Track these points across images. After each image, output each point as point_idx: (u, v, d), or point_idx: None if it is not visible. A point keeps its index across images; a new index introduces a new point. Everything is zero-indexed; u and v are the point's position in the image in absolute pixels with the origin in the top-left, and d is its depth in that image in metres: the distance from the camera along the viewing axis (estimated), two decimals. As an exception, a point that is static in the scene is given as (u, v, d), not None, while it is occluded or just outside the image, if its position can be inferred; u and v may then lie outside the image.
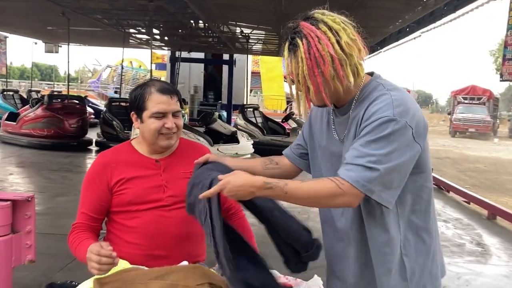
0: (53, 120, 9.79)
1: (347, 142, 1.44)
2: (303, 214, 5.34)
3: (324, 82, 1.34)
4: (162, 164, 1.91)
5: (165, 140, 1.86)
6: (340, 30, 1.33)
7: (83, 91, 26.14)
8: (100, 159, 1.94)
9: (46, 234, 4.16)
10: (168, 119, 1.84)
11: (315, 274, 2.49)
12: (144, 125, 1.85)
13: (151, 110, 1.81)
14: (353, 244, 1.54)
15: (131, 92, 1.92)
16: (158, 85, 1.87)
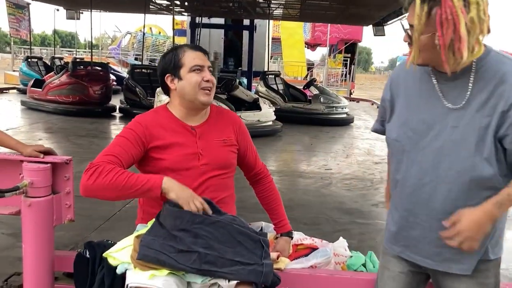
0: (78, 86, 9.93)
1: (462, 110, 1.45)
2: (326, 180, 5.41)
3: (443, 46, 1.34)
4: (198, 132, 1.95)
5: (205, 96, 1.91)
6: (473, 4, 1.32)
7: (103, 57, 26.21)
8: (141, 118, 1.95)
9: (78, 197, 4.28)
10: (206, 73, 1.90)
11: (340, 236, 2.58)
12: (183, 82, 1.89)
13: (188, 65, 1.88)
14: None
15: (162, 58, 1.96)
16: (189, 45, 1.95)
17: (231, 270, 1.59)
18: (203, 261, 1.59)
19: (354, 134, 9.52)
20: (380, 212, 4.31)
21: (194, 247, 1.62)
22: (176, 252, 1.63)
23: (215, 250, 1.63)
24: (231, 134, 2.05)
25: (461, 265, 1.53)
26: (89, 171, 1.75)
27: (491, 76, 1.42)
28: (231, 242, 1.67)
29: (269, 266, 1.69)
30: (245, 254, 1.66)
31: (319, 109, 10.48)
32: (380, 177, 5.69)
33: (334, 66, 24.45)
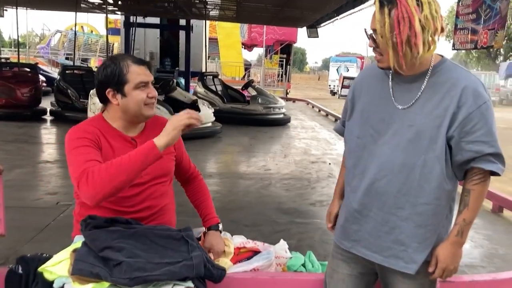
0: (4, 89, 9.38)
1: (418, 109, 1.56)
2: (265, 180, 5.49)
3: (400, 43, 1.46)
4: (138, 142, 1.94)
5: (149, 110, 1.91)
6: (425, 3, 1.45)
7: (32, 57, 24.93)
8: (82, 127, 1.87)
9: (8, 208, 4.08)
10: (150, 89, 1.90)
11: (281, 239, 2.65)
12: (128, 99, 1.86)
13: (134, 82, 1.85)
14: None
15: (103, 69, 1.89)
16: (131, 57, 1.90)
17: (163, 271, 1.60)
18: (133, 268, 1.60)
19: (291, 134, 9.73)
20: (317, 211, 4.45)
21: (121, 258, 1.63)
22: (108, 268, 1.65)
23: (142, 258, 1.65)
24: None
25: (406, 264, 1.63)
26: (83, 180, 1.66)
27: (444, 80, 1.55)
28: (155, 248, 1.71)
29: (198, 257, 1.71)
30: (172, 254, 1.69)
31: (257, 109, 10.61)
32: (316, 176, 5.86)
33: (270, 67, 24.79)
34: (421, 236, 1.61)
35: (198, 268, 1.69)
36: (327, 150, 7.91)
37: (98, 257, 1.71)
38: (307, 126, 11.08)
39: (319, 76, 59.11)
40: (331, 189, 5.20)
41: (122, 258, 1.64)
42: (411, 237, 1.61)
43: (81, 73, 10.71)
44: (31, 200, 4.42)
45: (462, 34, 5.48)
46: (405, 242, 1.62)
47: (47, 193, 4.64)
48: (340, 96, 26.73)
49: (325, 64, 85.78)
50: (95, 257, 1.70)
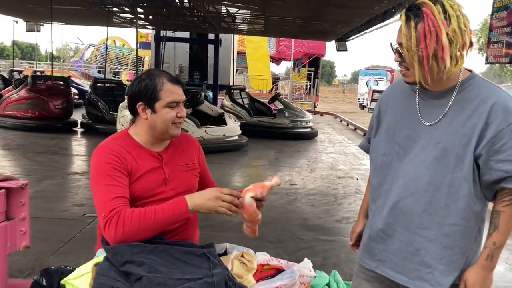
0: (37, 101, 9.66)
1: (444, 126, 1.50)
2: (291, 195, 5.43)
3: (426, 57, 1.42)
4: (164, 158, 1.95)
5: (175, 130, 1.91)
6: (453, 17, 1.40)
7: (65, 70, 25.68)
8: (109, 148, 1.87)
9: (35, 218, 4.14)
10: (180, 108, 1.90)
11: (305, 257, 2.58)
12: (157, 115, 1.87)
13: (166, 100, 1.85)
14: None
15: (138, 82, 1.90)
16: (167, 75, 1.90)
17: (183, 287, 1.58)
18: (153, 283, 1.58)
19: (318, 148, 9.63)
20: (343, 228, 4.36)
21: (141, 272, 1.62)
22: (129, 283, 1.65)
23: (162, 273, 1.63)
24: (193, 157, 2.06)
25: (433, 287, 1.55)
26: (111, 223, 1.69)
27: (473, 96, 1.49)
28: (176, 263, 1.69)
29: (219, 274, 1.68)
30: (193, 271, 1.67)
31: (284, 123, 10.57)
32: (343, 192, 5.76)
33: (298, 80, 24.78)
34: (448, 258, 1.53)
35: (219, 286, 1.65)
36: (355, 165, 7.78)
37: (119, 271, 1.71)
38: (335, 140, 10.96)
39: (344, 89, 58.72)
40: (358, 206, 5.09)
41: (142, 273, 1.63)
42: (437, 259, 1.53)
43: (112, 86, 10.93)
44: (59, 211, 4.48)
45: (496, 48, 5.32)
46: (431, 264, 1.54)
47: (75, 205, 4.70)
48: (369, 109, 26.43)
49: (354, 77, 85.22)
50: (116, 271, 1.70)
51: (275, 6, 8.80)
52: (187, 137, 2.12)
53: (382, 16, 9.74)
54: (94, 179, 1.81)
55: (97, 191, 1.78)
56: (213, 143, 7.95)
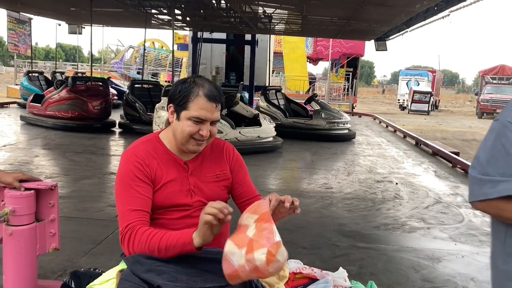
0: (77, 102, 9.87)
1: None
2: (326, 199, 5.28)
3: None
4: (190, 167, 1.86)
5: (194, 146, 1.80)
6: None
7: (106, 71, 26.32)
8: (135, 154, 1.80)
9: (70, 218, 4.21)
10: (204, 126, 1.76)
11: (340, 267, 2.45)
12: (178, 124, 1.78)
13: (191, 112, 1.74)
14: None
15: (177, 84, 1.82)
16: (207, 88, 1.75)
17: None
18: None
19: (355, 150, 9.40)
20: (382, 235, 4.17)
21: (161, 281, 1.59)
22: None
23: (184, 282, 1.59)
24: (224, 167, 1.94)
25: None
26: (125, 239, 1.70)
27: None
28: (197, 272, 1.64)
29: (243, 282, 1.59)
30: (215, 278, 1.60)
31: (320, 124, 10.38)
32: (381, 197, 5.55)
33: (336, 81, 24.42)
34: None
35: None
36: (394, 168, 7.53)
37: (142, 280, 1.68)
38: (373, 142, 10.68)
39: (383, 89, 57.59)
40: (397, 211, 4.90)
41: (163, 281, 1.59)
42: None
43: (149, 87, 11.06)
44: (93, 212, 4.51)
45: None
46: None
47: (109, 205, 4.71)
48: (410, 111, 25.79)
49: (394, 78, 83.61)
50: (140, 277, 1.68)
51: (313, 5, 8.64)
52: (220, 145, 1.98)
53: (424, 14, 9.40)
54: (117, 186, 1.78)
55: (117, 200, 1.77)
56: (247, 144, 7.88)
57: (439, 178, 6.98)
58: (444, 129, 16.47)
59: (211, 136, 1.81)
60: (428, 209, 5.07)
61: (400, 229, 4.33)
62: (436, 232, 4.29)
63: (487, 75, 28.53)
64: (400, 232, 4.24)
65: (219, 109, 1.78)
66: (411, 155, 9.00)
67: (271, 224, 1.49)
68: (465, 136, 14.51)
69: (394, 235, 4.18)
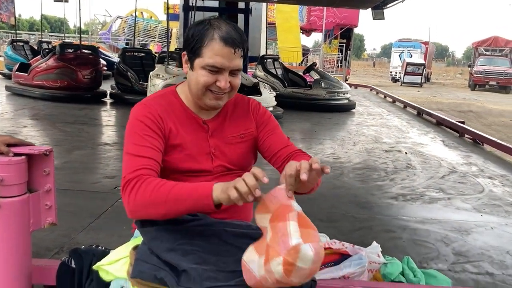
0: (66, 71, 9.38)
1: None
2: (336, 169, 5.01)
3: None
4: (210, 127, 1.57)
5: (212, 100, 1.50)
6: None
7: (93, 42, 25.59)
8: (150, 107, 1.52)
9: (64, 190, 3.87)
10: (222, 77, 1.45)
11: (374, 241, 2.18)
12: (192, 74, 1.48)
13: (206, 60, 1.43)
14: None
15: (190, 28, 1.51)
16: (224, 30, 1.42)
17: (238, 282, 1.29)
18: (202, 278, 1.29)
19: (357, 120, 9.12)
20: (401, 206, 3.91)
21: (186, 264, 1.34)
22: (175, 273, 1.37)
23: (212, 264, 1.33)
24: (250, 124, 1.64)
25: None
26: (128, 187, 1.36)
27: None
28: (229, 250, 1.39)
29: None
30: None
31: (320, 94, 10.04)
32: (393, 167, 5.28)
33: (329, 52, 23.99)
34: None
35: None
36: (400, 138, 7.26)
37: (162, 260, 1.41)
38: (374, 112, 10.40)
39: (374, 62, 57.25)
40: (412, 182, 4.64)
41: (189, 265, 1.33)
42: None
43: (141, 55, 10.60)
44: (89, 184, 4.17)
45: None
46: None
47: (105, 176, 4.39)
48: (402, 83, 25.52)
49: (384, 51, 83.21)
50: (159, 257, 1.42)
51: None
52: (245, 101, 1.68)
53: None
54: (125, 139, 1.49)
55: (124, 152, 1.46)
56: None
57: (449, 147, 6.74)
58: (439, 101, 16.24)
59: (233, 89, 1.51)
60: (445, 179, 4.81)
61: (420, 199, 4.07)
62: (458, 202, 4.03)
63: (480, 46, 28.30)
64: (420, 203, 3.98)
65: (240, 55, 1.45)
66: (415, 125, 8.75)
67: (287, 222, 1.15)
68: (461, 108, 14.29)
69: (414, 206, 3.91)
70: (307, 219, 1.21)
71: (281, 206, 1.20)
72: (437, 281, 2.23)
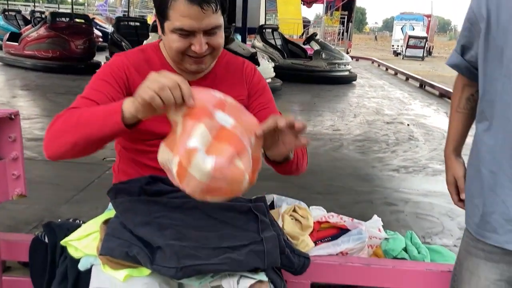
0: (58, 40, 9.10)
1: None
2: (335, 141, 4.83)
3: None
4: None
5: (193, 65, 1.29)
6: None
7: (90, 14, 25.17)
8: (123, 56, 1.35)
9: (49, 162, 3.66)
10: (196, 40, 1.23)
11: (374, 215, 2.01)
12: (165, 38, 1.29)
13: (173, 23, 1.21)
14: None
15: None
16: None
17: (222, 259, 1.17)
18: (180, 255, 1.15)
19: (358, 92, 8.92)
20: (403, 178, 3.74)
21: (162, 241, 1.18)
22: (150, 249, 1.20)
23: (193, 240, 1.19)
24: (241, 91, 1.42)
25: None
26: (52, 121, 1.21)
27: None
28: (212, 225, 1.24)
29: (271, 240, 1.23)
30: (236, 234, 1.23)
31: (321, 66, 9.77)
32: (395, 138, 5.10)
33: (330, 24, 23.53)
34: None
35: (272, 256, 1.22)
36: (402, 110, 7.08)
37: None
38: (375, 84, 10.18)
39: (376, 36, 56.56)
40: (415, 153, 4.46)
41: (165, 241, 1.18)
42: None
43: (136, 25, 10.29)
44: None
45: None
46: None
47: (95, 148, 4.20)
48: (404, 56, 25.13)
49: (386, 25, 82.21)
50: (132, 232, 1.24)
51: None
52: (238, 63, 1.44)
53: None
54: None
55: None
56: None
57: (452, 119, 6.54)
58: (441, 75, 15.93)
59: (215, 50, 1.29)
60: (448, 151, 4.63)
61: (422, 172, 3.89)
62: (462, 175, 3.86)
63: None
64: (423, 175, 3.80)
65: (213, 11, 1.20)
66: (417, 97, 8.55)
67: (197, 123, 0.99)
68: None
69: (417, 178, 3.74)
70: (234, 140, 1.01)
71: (203, 107, 1.02)
72: (443, 258, 2.06)
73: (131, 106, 1.05)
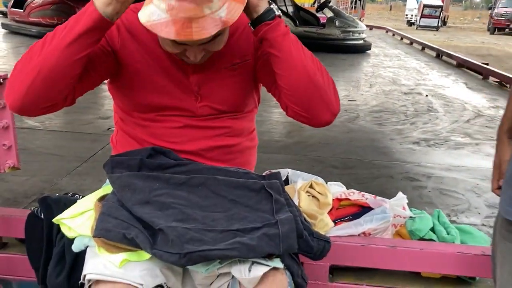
0: (63, 7, 8.86)
1: None
2: (351, 112, 4.61)
3: None
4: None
5: (190, 60, 1.14)
6: None
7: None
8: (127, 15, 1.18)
9: (51, 131, 3.55)
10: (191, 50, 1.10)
11: (399, 192, 1.83)
12: None
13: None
14: None
15: None
16: None
17: (231, 244, 1.02)
18: (183, 239, 1.01)
19: (373, 61, 8.60)
20: (424, 152, 3.53)
21: (164, 222, 1.04)
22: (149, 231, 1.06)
23: (198, 222, 1.06)
24: (247, 49, 1.24)
25: None
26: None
27: None
28: (220, 204, 1.12)
29: (288, 222, 1.07)
30: (247, 215, 1.10)
31: (334, 34, 9.42)
32: (413, 109, 4.87)
33: (343, -8, 22.87)
34: None
35: (288, 240, 1.06)
36: (419, 80, 6.79)
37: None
38: (391, 54, 9.82)
39: (391, 5, 55.35)
40: (435, 125, 4.24)
41: (167, 223, 1.03)
42: None
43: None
44: (80, 124, 3.82)
45: None
46: None
47: (99, 117, 4.04)
48: (418, 26, 24.44)
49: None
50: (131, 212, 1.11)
51: None
52: (244, 20, 1.19)
53: None
54: None
55: None
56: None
57: (472, 90, 6.26)
58: (456, 45, 15.48)
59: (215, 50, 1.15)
60: (470, 123, 4.39)
61: (444, 145, 3.68)
62: (487, 149, 3.62)
63: (503, -13, 26.87)
64: (446, 149, 3.59)
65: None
66: (434, 67, 8.23)
67: None
68: (479, 52, 13.58)
69: (438, 152, 3.53)
70: None
71: None
72: (473, 239, 1.87)
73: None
